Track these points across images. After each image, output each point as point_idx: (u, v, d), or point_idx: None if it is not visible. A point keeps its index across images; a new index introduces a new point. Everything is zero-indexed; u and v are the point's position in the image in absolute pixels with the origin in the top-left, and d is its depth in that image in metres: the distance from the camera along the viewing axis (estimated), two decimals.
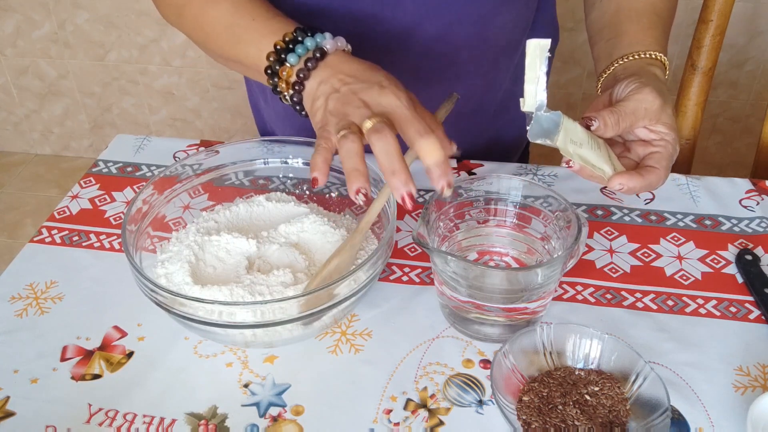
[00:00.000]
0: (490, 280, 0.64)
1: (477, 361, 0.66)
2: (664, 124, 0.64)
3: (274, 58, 0.66)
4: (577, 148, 0.59)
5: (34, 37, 2.13)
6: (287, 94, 0.66)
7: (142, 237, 0.70)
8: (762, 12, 1.79)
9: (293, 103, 0.66)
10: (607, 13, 0.80)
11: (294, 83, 0.65)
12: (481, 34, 0.83)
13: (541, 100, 0.56)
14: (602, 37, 0.79)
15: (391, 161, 0.55)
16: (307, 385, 0.64)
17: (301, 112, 0.67)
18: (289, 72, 0.65)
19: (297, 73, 0.65)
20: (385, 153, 0.55)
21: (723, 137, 2.03)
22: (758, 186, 0.85)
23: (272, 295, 0.65)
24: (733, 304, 0.71)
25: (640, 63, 0.72)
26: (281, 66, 0.66)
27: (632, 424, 0.58)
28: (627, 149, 0.67)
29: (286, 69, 0.65)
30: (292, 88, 0.65)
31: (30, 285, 0.75)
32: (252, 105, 1.07)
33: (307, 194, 0.81)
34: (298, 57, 0.65)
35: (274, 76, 0.67)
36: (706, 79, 1.01)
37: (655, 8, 0.78)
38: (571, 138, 0.59)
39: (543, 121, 0.57)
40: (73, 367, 0.66)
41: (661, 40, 0.76)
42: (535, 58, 0.55)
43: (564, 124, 0.58)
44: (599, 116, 0.62)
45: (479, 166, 0.89)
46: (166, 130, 2.28)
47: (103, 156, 0.93)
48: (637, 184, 0.62)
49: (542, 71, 0.55)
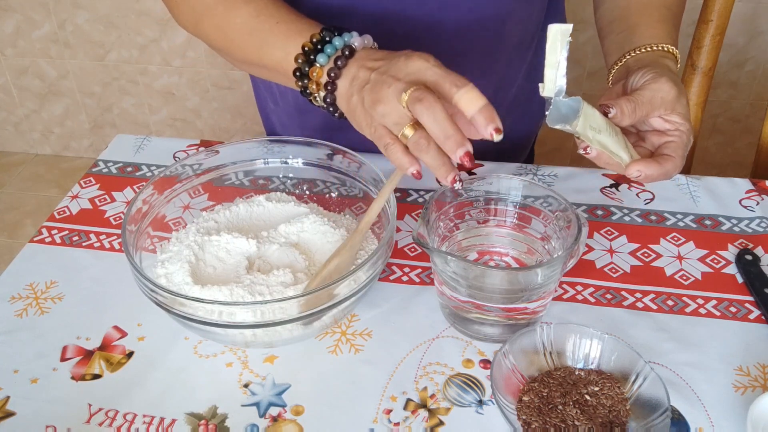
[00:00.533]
0: (490, 280, 0.64)
1: (477, 361, 0.66)
2: (679, 114, 0.64)
3: (303, 60, 0.66)
4: (596, 134, 0.59)
5: (34, 37, 2.13)
6: (318, 96, 0.66)
7: (142, 237, 0.70)
8: (762, 12, 1.79)
9: (327, 104, 0.66)
10: (618, 6, 0.80)
11: (326, 84, 0.64)
12: (498, 31, 0.84)
13: (561, 85, 0.55)
14: (612, 29, 0.79)
15: (443, 127, 0.55)
16: (307, 385, 0.64)
17: (335, 113, 0.66)
18: (320, 72, 0.65)
19: (328, 73, 0.64)
20: (434, 120, 0.55)
21: (723, 137, 2.03)
22: (758, 186, 0.85)
23: (272, 295, 0.65)
24: (733, 304, 0.71)
25: (653, 55, 0.72)
26: (311, 67, 0.65)
27: (632, 424, 0.58)
28: (641, 139, 0.67)
29: (316, 70, 0.65)
30: (324, 89, 0.65)
31: (30, 285, 0.75)
32: (260, 108, 1.06)
33: (307, 194, 0.81)
34: (328, 57, 0.64)
35: (303, 78, 0.66)
36: (706, 79, 1.01)
37: (665, 2, 0.78)
38: (590, 124, 0.59)
39: (562, 106, 0.56)
40: (73, 367, 0.66)
41: (672, 33, 0.76)
42: (555, 43, 0.54)
43: (584, 110, 0.58)
44: (616, 104, 0.62)
45: (479, 166, 0.89)
46: (166, 130, 2.28)
47: (103, 156, 0.93)
48: (655, 171, 0.62)
49: (563, 56, 0.54)
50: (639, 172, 0.61)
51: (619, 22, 0.78)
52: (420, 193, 0.85)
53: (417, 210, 0.83)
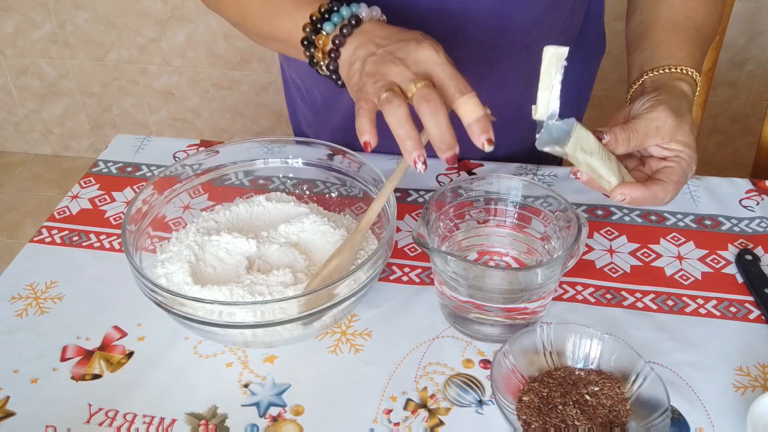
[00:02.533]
0: (490, 280, 0.64)
1: (477, 361, 0.66)
2: (679, 142, 0.64)
3: (311, 29, 0.66)
4: (587, 157, 0.59)
5: (34, 37, 2.13)
6: (323, 64, 0.66)
7: (142, 237, 0.70)
8: (762, 12, 1.79)
9: (329, 72, 0.66)
10: (645, 22, 0.79)
11: (330, 51, 0.65)
12: (524, 40, 0.82)
13: (554, 109, 0.56)
14: (638, 46, 0.78)
15: (442, 131, 0.56)
16: (307, 385, 0.64)
17: (338, 81, 0.67)
18: (325, 40, 0.65)
19: (333, 40, 0.64)
20: (436, 124, 0.56)
21: (723, 137, 2.03)
22: (758, 186, 0.85)
23: (272, 295, 0.65)
24: (733, 304, 0.71)
25: (669, 77, 0.71)
26: (317, 35, 0.65)
27: (632, 424, 0.58)
28: (642, 163, 0.67)
29: (322, 38, 0.65)
30: (328, 56, 0.65)
31: (30, 285, 0.75)
32: (288, 104, 1.07)
33: (307, 194, 0.81)
34: (334, 25, 0.65)
35: (310, 46, 0.66)
36: (706, 79, 1.01)
37: (695, 23, 0.77)
38: (582, 146, 0.59)
39: (554, 130, 0.57)
40: (73, 367, 0.66)
41: (697, 56, 0.75)
42: (550, 66, 0.55)
43: (576, 131, 0.58)
44: (611, 131, 0.62)
45: (479, 166, 0.89)
46: (166, 130, 2.28)
47: (103, 156, 0.93)
48: (640, 195, 0.61)
49: (557, 80, 0.55)
50: (623, 196, 0.61)
51: (645, 39, 0.77)
52: (420, 193, 0.85)
53: (417, 210, 0.83)
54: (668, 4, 0.78)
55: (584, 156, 0.59)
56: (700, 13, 0.78)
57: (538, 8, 0.80)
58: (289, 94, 1.06)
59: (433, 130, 0.57)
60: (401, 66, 0.59)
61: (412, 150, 0.57)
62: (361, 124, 0.59)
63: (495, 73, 0.84)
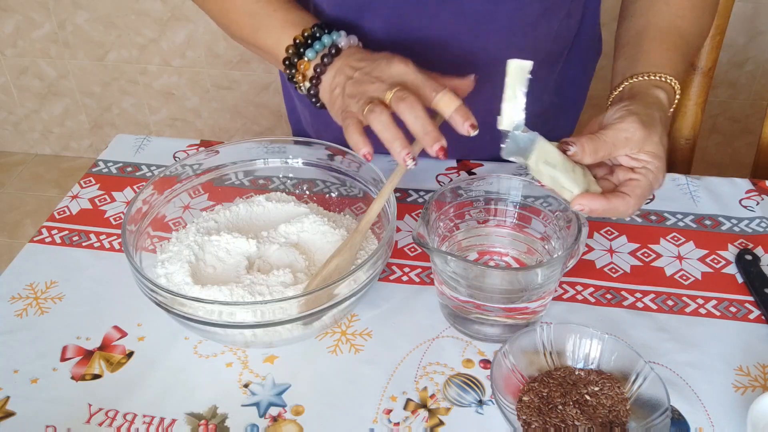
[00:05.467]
0: (490, 280, 0.64)
1: (477, 361, 0.66)
2: (648, 153, 0.63)
3: (293, 51, 0.72)
4: (550, 169, 0.60)
5: (34, 37, 2.13)
6: (303, 86, 0.72)
7: (142, 237, 0.70)
8: (762, 12, 1.79)
9: (309, 95, 0.72)
10: (632, 29, 0.79)
11: (311, 77, 0.71)
12: (519, 46, 0.82)
13: (519, 119, 0.58)
14: (623, 53, 0.78)
15: (423, 124, 0.61)
16: (307, 385, 0.64)
17: (317, 103, 0.73)
18: (307, 66, 0.71)
19: (314, 68, 0.70)
20: (414, 117, 0.61)
21: (723, 137, 2.03)
22: (758, 186, 0.85)
23: (272, 295, 0.65)
24: (733, 304, 0.71)
25: (647, 84, 0.70)
26: (299, 59, 0.71)
27: (632, 424, 0.58)
28: (611, 172, 0.66)
29: (303, 63, 0.71)
30: (310, 82, 0.71)
31: (30, 285, 0.75)
32: (287, 105, 1.08)
33: (307, 194, 0.81)
34: (316, 53, 0.71)
35: (291, 67, 0.72)
36: (706, 79, 1.01)
37: (679, 30, 0.77)
38: (545, 159, 0.59)
39: (519, 140, 0.59)
40: (73, 367, 0.66)
41: (678, 63, 0.74)
42: (515, 79, 0.57)
43: (539, 144, 0.59)
44: (578, 142, 0.61)
45: (479, 165, 0.89)
46: (166, 130, 2.28)
47: (103, 156, 0.93)
48: (599, 206, 0.61)
49: (521, 92, 0.57)
50: (581, 206, 0.61)
51: (631, 47, 0.77)
52: (420, 193, 0.85)
53: (417, 210, 0.83)
54: (656, 11, 0.78)
55: (548, 168, 0.60)
56: (687, 20, 0.78)
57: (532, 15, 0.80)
58: (288, 95, 1.06)
59: (413, 124, 0.61)
60: (378, 83, 0.64)
61: (401, 150, 0.61)
62: (355, 140, 0.63)
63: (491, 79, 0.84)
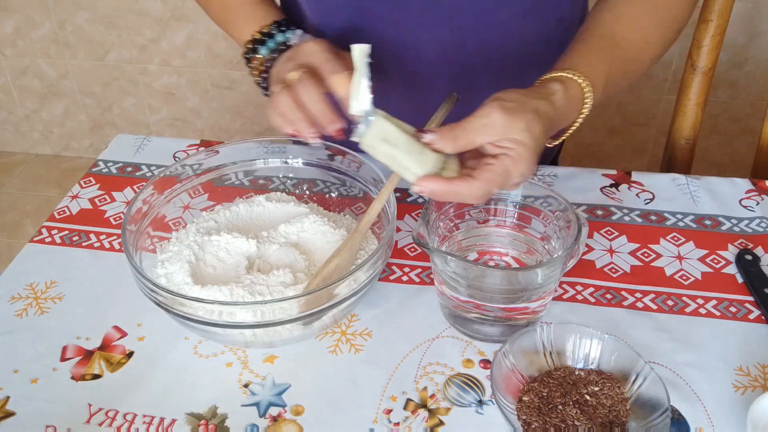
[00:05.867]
0: (490, 280, 0.64)
1: (477, 361, 0.66)
2: (511, 140, 0.60)
3: (249, 47, 0.78)
4: (390, 148, 0.60)
5: (34, 37, 2.13)
6: (256, 80, 0.79)
7: (142, 237, 0.70)
8: (762, 12, 1.79)
9: (261, 87, 0.79)
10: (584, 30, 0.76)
11: (261, 72, 0.77)
12: (500, 46, 0.82)
13: (364, 101, 0.60)
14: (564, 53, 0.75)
15: (317, 107, 0.65)
16: (307, 385, 0.64)
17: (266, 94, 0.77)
18: (260, 61, 0.77)
19: (264, 63, 0.77)
20: (309, 99, 0.65)
21: (723, 137, 2.03)
22: (758, 186, 0.85)
23: (272, 295, 0.65)
24: (733, 304, 0.71)
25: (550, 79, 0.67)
26: (254, 54, 0.78)
27: (632, 424, 0.58)
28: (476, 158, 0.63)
29: (257, 58, 0.77)
30: (260, 76, 0.77)
31: (30, 285, 0.75)
32: None
33: (307, 194, 0.81)
34: (268, 50, 0.77)
35: (248, 61, 0.79)
36: (706, 79, 1.01)
37: (615, 36, 0.73)
38: (384, 137, 0.60)
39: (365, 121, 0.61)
40: (73, 367, 0.66)
41: (599, 65, 0.70)
42: (357, 63, 0.60)
43: (377, 123, 0.60)
44: (436, 131, 0.60)
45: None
46: (166, 130, 2.28)
47: (103, 156, 0.93)
48: (439, 188, 0.59)
49: (364, 75, 0.60)
50: (420, 188, 0.60)
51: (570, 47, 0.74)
52: None
53: (417, 210, 0.83)
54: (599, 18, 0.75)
55: (388, 147, 0.60)
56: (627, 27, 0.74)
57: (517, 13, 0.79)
58: None
59: (310, 106, 0.65)
60: (290, 64, 0.70)
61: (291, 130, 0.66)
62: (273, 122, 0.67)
63: (487, 81, 0.84)
